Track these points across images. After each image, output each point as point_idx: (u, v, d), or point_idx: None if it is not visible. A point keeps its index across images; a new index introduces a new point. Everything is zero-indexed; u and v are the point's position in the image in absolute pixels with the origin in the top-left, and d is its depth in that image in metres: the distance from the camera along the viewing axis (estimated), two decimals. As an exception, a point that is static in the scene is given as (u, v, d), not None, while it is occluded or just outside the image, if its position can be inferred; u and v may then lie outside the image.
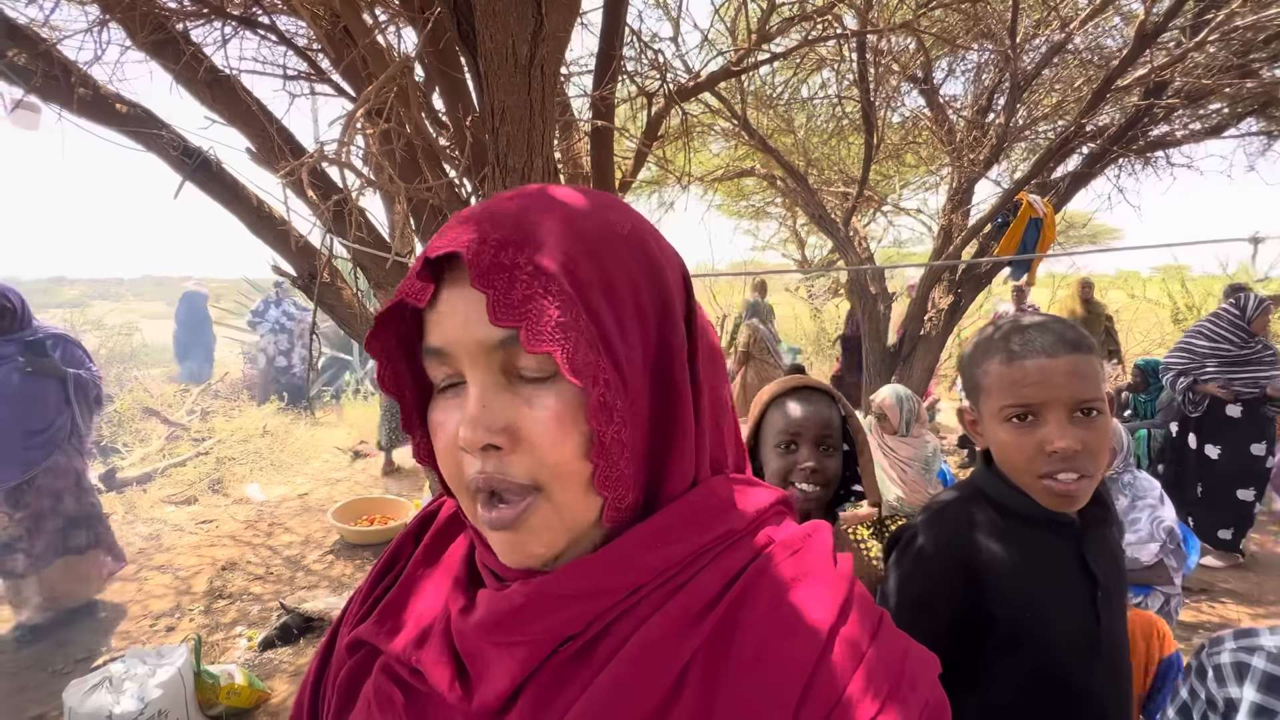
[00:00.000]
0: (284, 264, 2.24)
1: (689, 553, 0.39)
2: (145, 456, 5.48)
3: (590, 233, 0.38)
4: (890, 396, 2.73)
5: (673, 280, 0.41)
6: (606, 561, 0.38)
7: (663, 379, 0.40)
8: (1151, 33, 2.67)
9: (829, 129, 4.41)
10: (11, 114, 2.07)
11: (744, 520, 0.41)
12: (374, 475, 5.40)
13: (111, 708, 2.05)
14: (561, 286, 0.35)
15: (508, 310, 0.35)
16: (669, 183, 4.40)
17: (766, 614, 0.38)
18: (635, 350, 0.38)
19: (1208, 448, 3.61)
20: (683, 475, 0.40)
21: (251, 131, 2.00)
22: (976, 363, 0.92)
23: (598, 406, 0.35)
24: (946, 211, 4.14)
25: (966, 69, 4.08)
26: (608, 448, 0.36)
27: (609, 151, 2.11)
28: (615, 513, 0.39)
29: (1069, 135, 3.25)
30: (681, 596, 0.38)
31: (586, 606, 0.37)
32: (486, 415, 0.36)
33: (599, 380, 0.35)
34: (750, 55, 2.50)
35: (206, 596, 3.35)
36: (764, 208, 7.69)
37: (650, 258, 0.40)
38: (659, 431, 0.40)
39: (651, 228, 0.43)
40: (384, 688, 0.43)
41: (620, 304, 0.38)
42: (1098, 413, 0.84)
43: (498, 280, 0.35)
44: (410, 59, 1.59)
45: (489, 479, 0.37)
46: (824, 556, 0.42)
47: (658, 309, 0.40)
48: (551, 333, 0.34)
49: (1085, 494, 0.85)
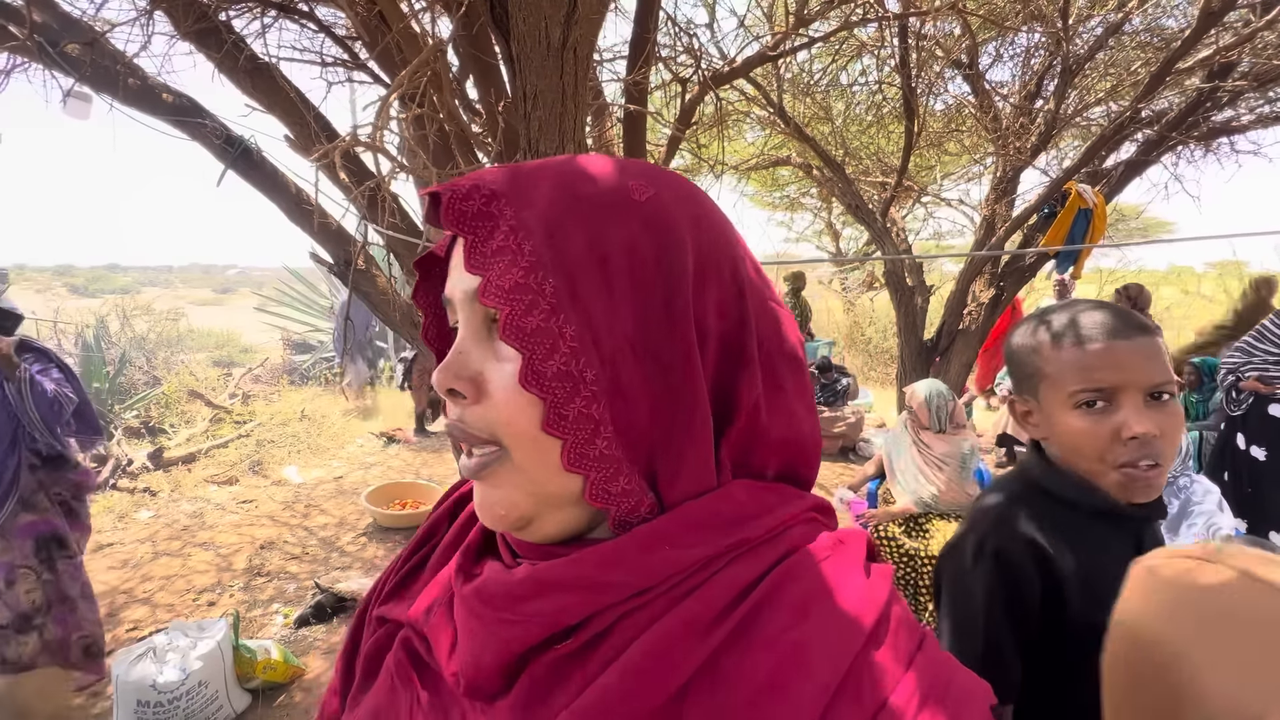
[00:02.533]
0: (321, 252, 2.28)
1: (698, 559, 0.36)
2: (190, 438, 5.69)
3: (590, 195, 0.37)
4: (922, 392, 2.66)
5: (704, 257, 0.38)
6: (605, 555, 0.36)
7: (665, 363, 0.36)
8: (1218, 10, 2.52)
9: (868, 117, 4.29)
10: (64, 103, 2.14)
11: (761, 528, 0.37)
12: (407, 460, 5.50)
13: (155, 677, 2.13)
14: (535, 245, 0.35)
15: (479, 259, 0.35)
16: (702, 171, 4.35)
17: (782, 633, 0.34)
18: (624, 323, 0.35)
19: (1254, 449, 3.48)
20: (696, 474, 0.37)
21: (290, 119, 2.03)
22: (1035, 350, 0.86)
23: (556, 375, 0.34)
24: (990, 202, 4.00)
25: (1015, 53, 3.92)
26: (571, 421, 0.34)
27: (642, 138, 2.08)
28: (605, 500, 0.36)
29: (1124, 121, 3.09)
30: (689, 604, 0.35)
31: (581, 598, 0.35)
32: (458, 361, 0.37)
33: (559, 348, 0.34)
34: (787, 40, 2.44)
35: (246, 574, 3.46)
36: (799, 198, 7.55)
37: (668, 229, 0.37)
38: (663, 421, 0.37)
39: (694, 201, 0.39)
40: (403, 661, 0.43)
41: (612, 273, 0.35)
42: (1170, 396, 0.79)
43: (479, 228, 0.36)
44: (444, 44, 1.59)
45: (452, 426, 0.38)
46: (854, 568, 0.38)
47: (666, 283, 0.36)
48: (508, 290, 0.34)
49: (1161, 482, 0.79)
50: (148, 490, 4.59)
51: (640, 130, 2.08)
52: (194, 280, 33.72)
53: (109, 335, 7.17)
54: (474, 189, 0.36)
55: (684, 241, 0.37)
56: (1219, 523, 2.13)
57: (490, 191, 0.36)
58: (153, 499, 4.50)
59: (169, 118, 2.10)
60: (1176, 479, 2.25)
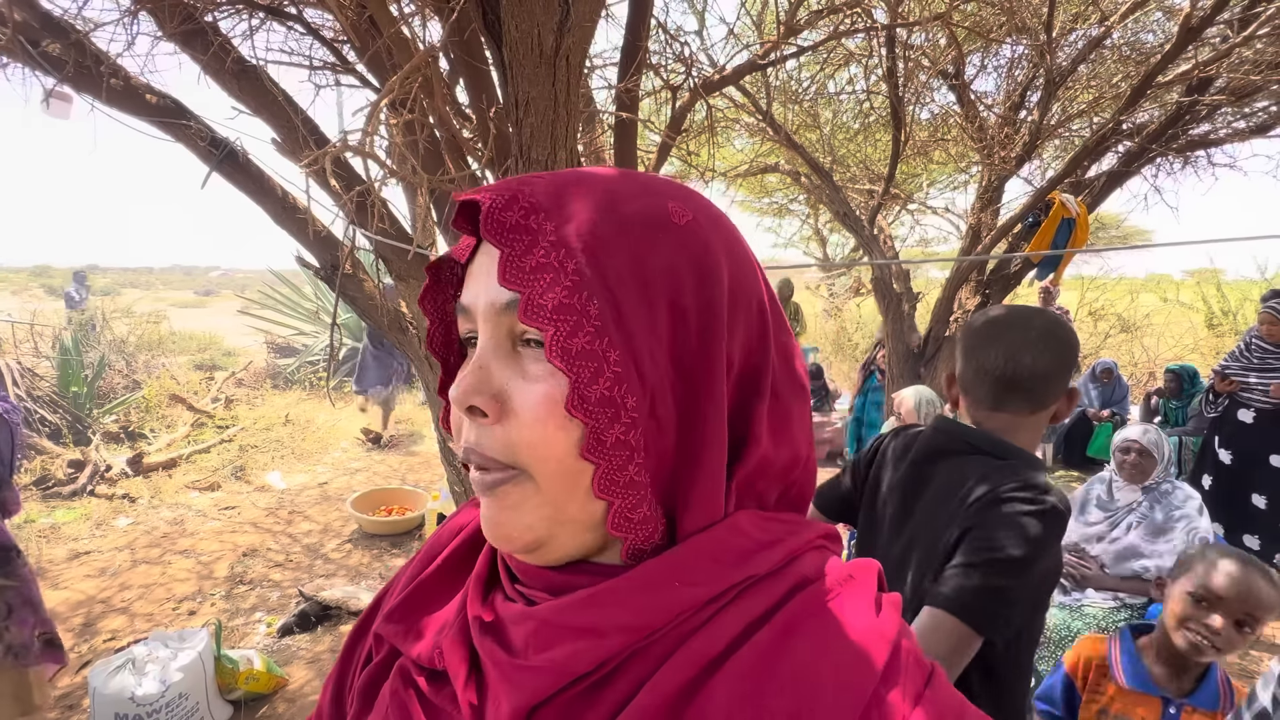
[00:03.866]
0: (308, 255, 2.25)
1: (707, 596, 0.35)
2: (171, 443, 5.59)
3: (633, 216, 0.36)
4: (911, 398, 2.68)
5: (735, 286, 0.37)
6: (616, 595, 0.35)
7: (695, 391, 0.36)
8: (1197, 26, 2.57)
9: (855, 125, 4.33)
10: (45, 103, 2.10)
11: (769, 562, 0.37)
12: (392, 466, 5.45)
13: (134, 689, 2.08)
14: (579, 265, 0.33)
15: (516, 274, 0.33)
16: (691, 177, 4.37)
17: (798, 677, 0.33)
18: (664, 349, 0.35)
19: (1222, 452, 3.57)
20: (708, 504, 0.36)
21: (277, 122, 2.00)
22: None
23: (599, 401, 0.33)
24: (975, 210, 4.05)
25: (999, 64, 3.97)
26: (609, 448, 0.34)
27: (632, 145, 2.09)
28: (626, 529, 0.35)
29: (1106, 133, 3.15)
30: (696, 642, 0.34)
31: (593, 644, 0.35)
32: (479, 376, 0.36)
33: (604, 372, 0.33)
34: (777, 49, 2.45)
35: (227, 582, 3.40)
36: (787, 205, 7.60)
37: (706, 254, 0.36)
38: (687, 449, 0.36)
39: (725, 229, 0.39)
40: (399, 693, 0.42)
41: (654, 297, 0.35)
42: None
43: (517, 241, 0.34)
44: (435, 49, 1.58)
45: (469, 450, 0.37)
46: (865, 603, 0.37)
47: (703, 311, 0.36)
48: (552, 310, 0.33)
49: None
50: (126, 496, 4.50)
51: (631, 137, 2.08)
52: (175, 282, 33.18)
53: (87, 338, 7.03)
54: (513, 199, 0.35)
55: (720, 268, 0.37)
56: (1198, 526, 2.16)
57: (530, 204, 0.35)
58: (132, 505, 4.42)
59: (153, 119, 2.07)
60: (1160, 485, 2.28)
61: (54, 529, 3.99)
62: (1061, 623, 2.09)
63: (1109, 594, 2.19)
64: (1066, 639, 2.05)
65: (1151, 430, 2.29)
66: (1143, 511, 2.27)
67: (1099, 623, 2.06)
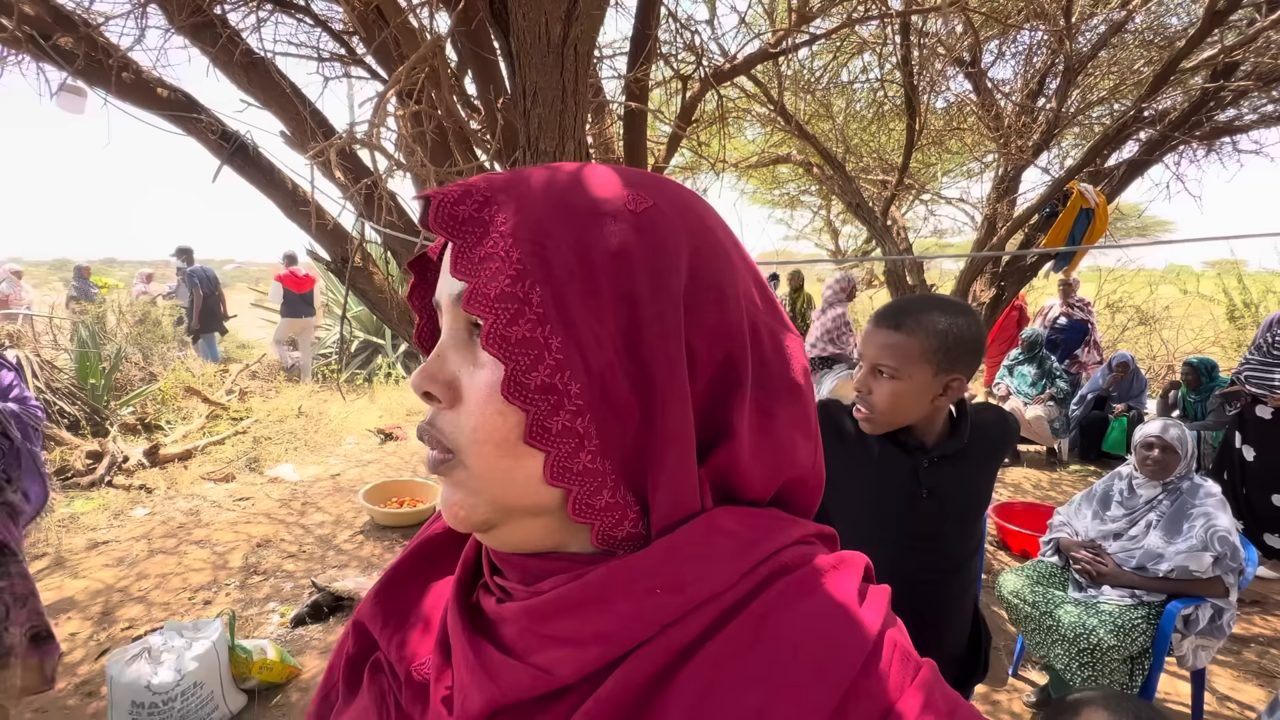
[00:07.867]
0: (319, 249, 2.26)
1: (691, 604, 0.34)
2: (187, 434, 5.66)
3: (583, 205, 0.36)
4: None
5: (699, 273, 0.36)
6: (601, 599, 0.34)
7: (652, 378, 0.34)
8: (1223, 9, 2.50)
9: (869, 114, 4.26)
10: (57, 97, 2.11)
11: (749, 561, 0.36)
12: (404, 458, 5.48)
13: (150, 678, 2.11)
14: (524, 254, 0.34)
15: (466, 264, 0.35)
16: (702, 168, 4.32)
17: (772, 669, 0.32)
18: (612, 336, 0.34)
19: (1245, 449, 3.50)
20: (678, 494, 0.35)
21: (286, 115, 2.00)
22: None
23: (539, 388, 0.33)
24: (991, 200, 3.98)
25: (1017, 51, 3.89)
26: (555, 435, 0.34)
27: (642, 135, 2.06)
28: (589, 515, 0.35)
29: (1127, 120, 3.08)
30: (665, 632, 0.34)
31: (575, 653, 0.34)
32: (434, 364, 0.37)
33: (545, 359, 0.33)
34: (789, 37, 2.41)
35: (242, 572, 3.44)
36: (798, 196, 7.53)
37: (662, 239, 0.35)
38: (648, 437, 0.35)
39: (695, 215, 0.38)
40: (378, 683, 0.43)
41: (600, 284, 0.34)
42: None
43: (469, 233, 0.35)
44: (442, 39, 1.56)
45: (422, 429, 0.39)
46: (848, 592, 0.36)
47: (656, 298, 0.35)
48: (493, 298, 0.33)
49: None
50: (143, 487, 4.57)
51: (640, 128, 2.06)
52: (191, 275, 33.49)
53: (105, 330, 7.12)
54: (465, 194, 0.36)
55: (679, 253, 0.36)
56: (1217, 523, 2.12)
57: (483, 197, 0.36)
58: (148, 496, 4.48)
59: (164, 112, 2.07)
60: (1180, 481, 2.24)
61: (73, 519, 4.06)
62: (1077, 619, 2.06)
63: (1125, 591, 2.15)
64: (1082, 636, 2.02)
65: (1174, 426, 2.24)
66: (1162, 510, 2.22)
67: (1115, 620, 2.03)
